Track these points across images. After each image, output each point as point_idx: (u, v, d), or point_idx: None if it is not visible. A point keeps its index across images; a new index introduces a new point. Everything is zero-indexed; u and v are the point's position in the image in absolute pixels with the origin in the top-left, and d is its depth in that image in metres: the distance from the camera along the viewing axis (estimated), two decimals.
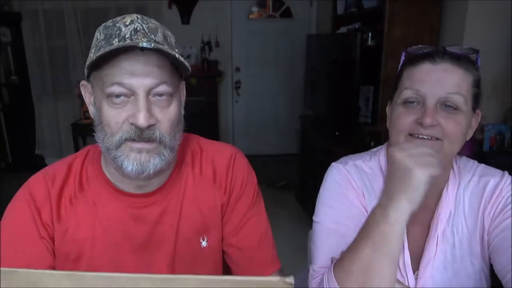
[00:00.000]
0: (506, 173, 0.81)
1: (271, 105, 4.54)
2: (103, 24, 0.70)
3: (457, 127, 0.73)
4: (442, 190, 0.81)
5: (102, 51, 0.63)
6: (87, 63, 0.66)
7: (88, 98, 0.74)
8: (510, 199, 0.76)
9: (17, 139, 4.16)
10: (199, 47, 4.19)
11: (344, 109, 2.45)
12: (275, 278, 0.32)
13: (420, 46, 0.79)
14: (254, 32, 4.34)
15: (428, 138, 0.73)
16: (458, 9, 2.11)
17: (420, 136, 0.74)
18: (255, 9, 4.39)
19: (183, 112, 0.75)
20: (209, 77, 4.11)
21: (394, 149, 0.69)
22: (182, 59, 0.66)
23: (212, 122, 4.10)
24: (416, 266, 0.82)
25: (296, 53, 4.28)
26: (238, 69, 4.41)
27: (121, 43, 0.63)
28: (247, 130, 4.60)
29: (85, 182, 0.77)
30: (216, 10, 4.17)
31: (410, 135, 0.75)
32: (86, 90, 0.75)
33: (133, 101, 0.66)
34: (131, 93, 0.65)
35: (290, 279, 0.32)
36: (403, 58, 0.82)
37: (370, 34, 2.50)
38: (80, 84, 0.75)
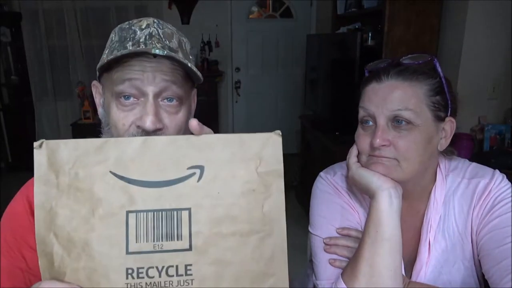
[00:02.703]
0: (497, 172, 0.79)
1: (271, 105, 4.54)
2: (119, 26, 0.69)
3: (410, 145, 0.72)
4: (430, 194, 0.81)
5: (114, 55, 0.62)
6: (99, 64, 0.65)
7: (98, 99, 0.74)
8: (498, 199, 0.75)
9: (17, 139, 4.16)
10: (199, 47, 4.19)
11: (344, 109, 2.45)
12: (270, 133, 0.50)
13: (376, 61, 0.80)
14: (254, 32, 4.35)
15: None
16: (458, 9, 2.11)
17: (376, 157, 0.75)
18: (255, 9, 4.39)
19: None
20: (209, 77, 4.10)
21: (352, 174, 0.79)
22: (194, 68, 0.66)
23: (212, 122, 4.10)
24: (409, 272, 0.82)
25: (296, 53, 4.28)
26: (238, 69, 4.41)
27: (134, 48, 0.63)
28: (247, 130, 4.58)
29: None
30: (216, 10, 4.17)
31: (370, 155, 0.76)
32: (96, 91, 0.75)
33: (142, 104, 0.65)
34: (140, 94, 0.65)
35: (278, 132, 0.50)
36: (366, 74, 0.82)
37: (370, 34, 2.50)
38: (92, 84, 0.75)
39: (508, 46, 2.08)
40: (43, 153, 0.47)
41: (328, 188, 0.88)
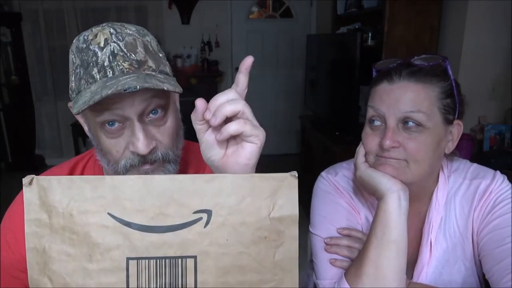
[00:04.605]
0: (498, 173, 0.80)
1: (271, 105, 4.54)
2: (75, 45, 0.63)
3: (420, 147, 0.71)
4: (432, 195, 0.81)
5: (92, 100, 0.56)
6: (77, 107, 0.59)
7: (80, 118, 0.71)
8: (498, 200, 0.75)
9: (17, 139, 4.16)
10: (199, 47, 4.19)
11: (344, 109, 2.46)
12: (285, 174, 0.47)
13: (386, 60, 0.79)
14: (254, 32, 4.35)
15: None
16: (458, 9, 2.11)
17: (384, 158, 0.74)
18: (255, 9, 4.39)
19: (180, 116, 0.72)
20: (209, 77, 4.11)
21: (361, 174, 0.78)
22: (171, 88, 0.59)
23: None
24: (410, 272, 0.82)
25: (296, 53, 4.28)
26: (238, 69, 4.40)
27: (102, 80, 0.59)
28: None
29: None
30: (216, 10, 4.17)
31: (378, 155, 0.76)
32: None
33: (129, 127, 0.62)
34: (124, 119, 0.61)
35: (295, 173, 0.47)
36: (374, 73, 0.82)
37: (370, 34, 2.50)
38: (68, 105, 0.68)
39: (508, 46, 2.08)
40: (34, 191, 0.44)
41: (330, 188, 0.88)
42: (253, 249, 0.46)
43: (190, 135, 0.80)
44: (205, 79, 4.06)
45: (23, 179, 0.44)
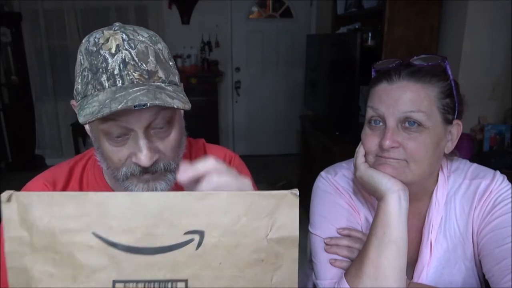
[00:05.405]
0: (498, 173, 0.80)
1: (271, 105, 4.54)
2: (84, 46, 0.62)
3: (420, 146, 0.71)
4: (432, 195, 0.81)
5: (94, 112, 0.56)
6: (81, 111, 0.59)
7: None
8: (498, 200, 0.75)
9: (17, 139, 4.16)
10: (199, 47, 4.20)
11: (344, 109, 2.45)
12: (285, 191, 0.43)
13: (385, 60, 0.78)
14: (254, 32, 4.35)
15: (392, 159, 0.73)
16: (458, 9, 2.11)
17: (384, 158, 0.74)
18: (255, 9, 4.39)
19: (184, 125, 0.71)
20: (209, 77, 4.11)
21: (361, 175, 0.78)
22: (181, 105, 0.58)
23: (212, 122, 4.10)
24: (411, 272, 0.82)
25: (296, 53, 4.28)
26: (238, 69, 4.41)
27: (111, 88, 0.58)
28: (247, 130, 4.60)
29: (86, 188, 0.76)
30: (216, 10, 4.18)
31: (377, 155, 0.76)
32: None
33: (133, 138, 0.61)
34: (128, 130, 0.61)
35: (296, 191, 0.43)
36: (373, 73, 0.82)
37: (370, 34, 2.50)
38: (71, 103, 0.68)
39: (508, 46, 2.08)
40: (13, 208, 0.41)
41: (329, 188, 0.88)
42: (248, 273, 0.43)
43: (190, 134, 0.80)
44: (205, 79, 4.06)
45: (1, 195, 0.41)
